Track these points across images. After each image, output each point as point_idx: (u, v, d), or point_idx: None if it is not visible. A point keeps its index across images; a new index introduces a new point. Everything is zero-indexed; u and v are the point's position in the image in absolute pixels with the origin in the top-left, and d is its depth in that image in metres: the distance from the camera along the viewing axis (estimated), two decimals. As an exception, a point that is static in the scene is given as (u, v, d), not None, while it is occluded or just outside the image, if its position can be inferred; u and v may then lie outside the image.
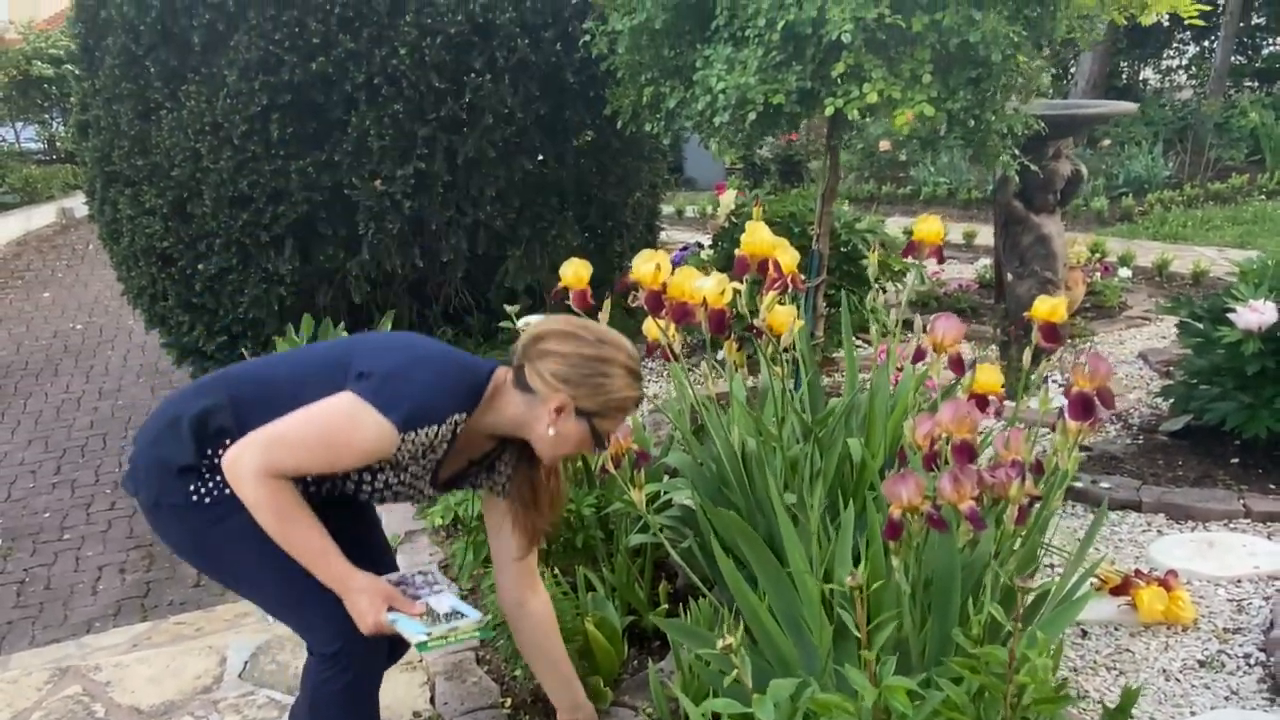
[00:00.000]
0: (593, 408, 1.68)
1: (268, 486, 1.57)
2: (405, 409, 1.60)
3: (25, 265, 8.37)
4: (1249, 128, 8.74)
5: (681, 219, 8.43)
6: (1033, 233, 3.60)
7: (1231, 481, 3.04)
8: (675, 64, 3.25)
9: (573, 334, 1.69)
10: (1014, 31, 2.80)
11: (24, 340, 6.49)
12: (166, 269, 3.92)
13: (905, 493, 1.67)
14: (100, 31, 3.91)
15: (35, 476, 4.51)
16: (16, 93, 10.54)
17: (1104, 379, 1.68)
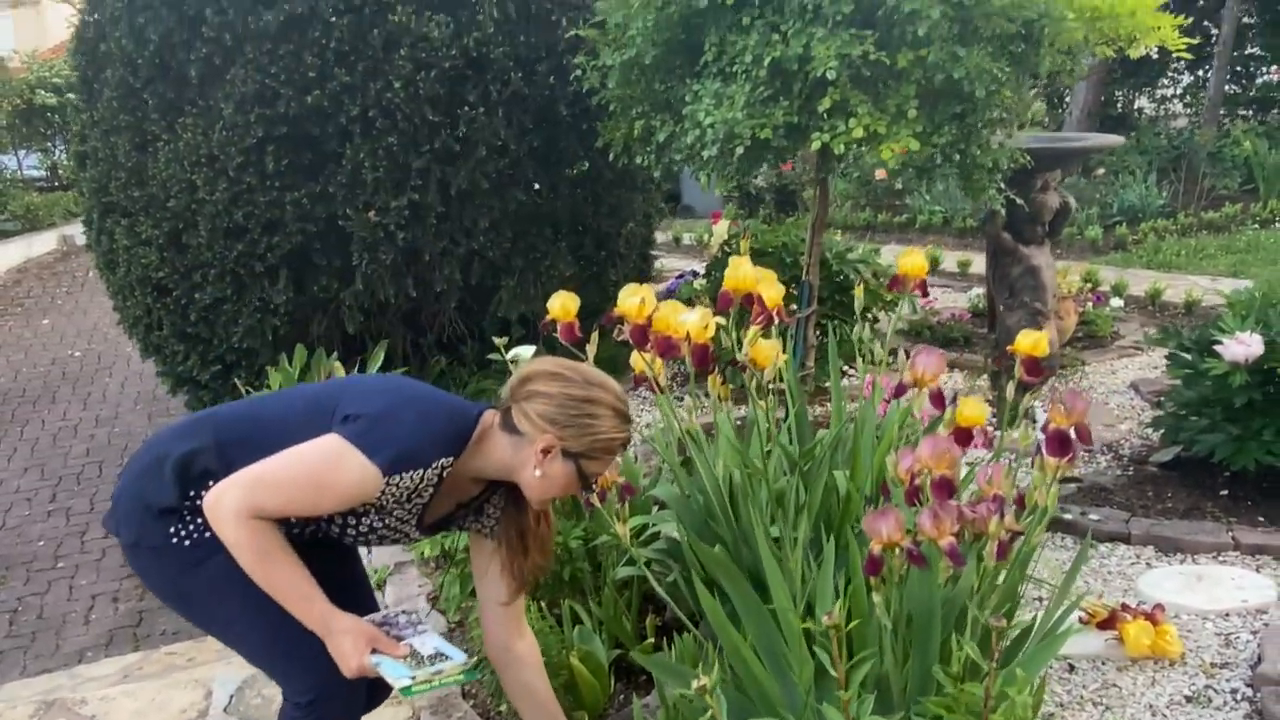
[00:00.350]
0: (579, 449, 1.68)
1: (249, 527, 1.56)
2: (390, 453, 1.59)
3: (25, 292, 8.40)
4: (1242, 157, 8.79)
5: (679, 246, 8.48)
6: (1022, 264, 3.62)
7: (1221, 514, 3.04)
8: (665, 98, 3.30)
9: (560, 375, 1.69)
10: (998, 68, 2.84)
11: (22, 368, 6.51)
12: (162, 299, 3.94)
13: (885, 529, 1.67)
14: (99, 64, 3.95)
15: (31, 504, 4.51)
16: (19, 121, 10.64)
17: (1081, 415, 1.69)
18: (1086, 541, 2.18)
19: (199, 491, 1.67)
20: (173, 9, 3.62)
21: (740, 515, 2.30)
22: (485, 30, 3.64)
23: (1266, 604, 2.54)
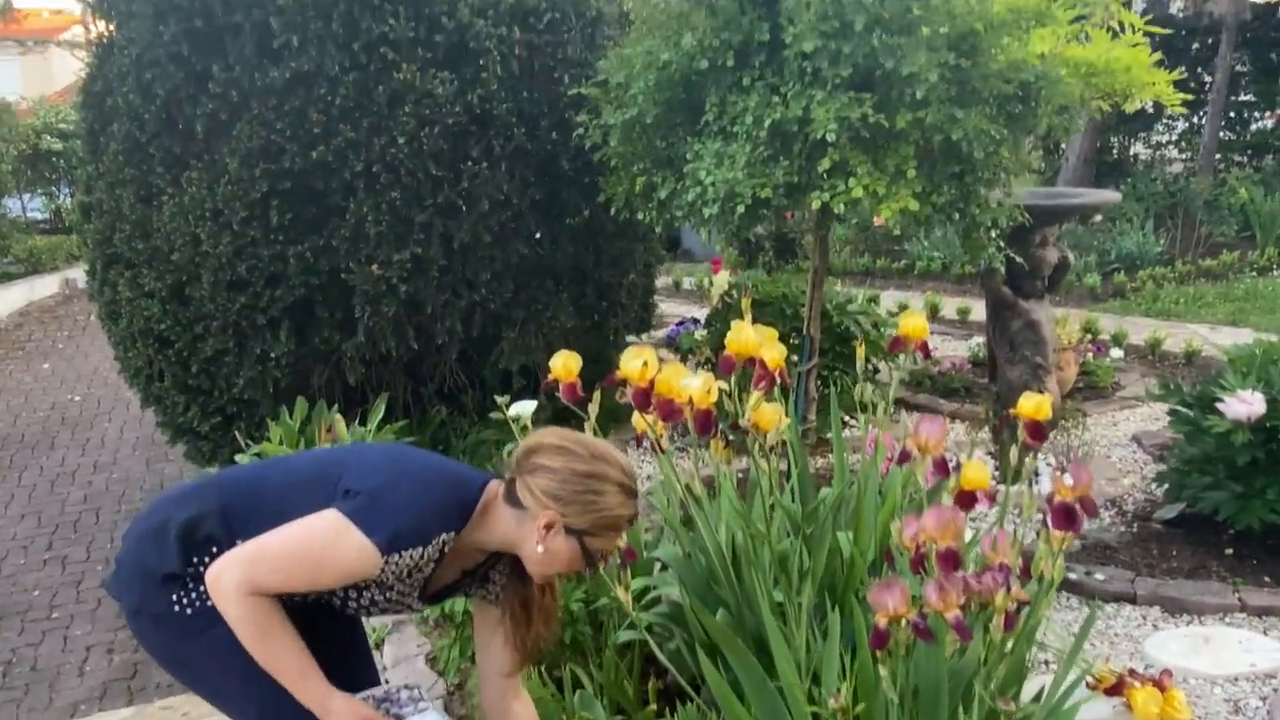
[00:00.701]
0: (583, 526, 1.66)
1: (248, 603, 1.56)
2: (389, 531, 1.58)
3: (27, 336, 8.41)
4: (1239, 204, 8.86)
5: (679, 291, 8.50)
6: (1022, 319, 3.62)
7: (1226, 573, 3.01)
8: (667, 155, 3.33)
9: (565, 449, 1.67)
10: (996, 129, 2.87)
11: (22, 412, 6.50)
12: (163, 350, 3.94)
13: (891, 602, 1.66)
14: (106, 118, 3.99)
15: (27, 552, 4.48)
16: (25, 165, 10.73)
17: (1086, 488, 1.68)
18: (1094, 607, 2.17)
19: (202, 558, 1.66)
20: (180, 65, 3.66)
21: (743, 578, 2.28)
22: (489, 87, 3.68)
23: (1275, 669, 2.52)
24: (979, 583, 1.75)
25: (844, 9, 2.77)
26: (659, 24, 3.26)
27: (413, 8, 3.65)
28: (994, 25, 2.92)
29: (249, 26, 3.60)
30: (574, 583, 2.54)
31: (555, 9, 3.88)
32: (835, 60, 2.78)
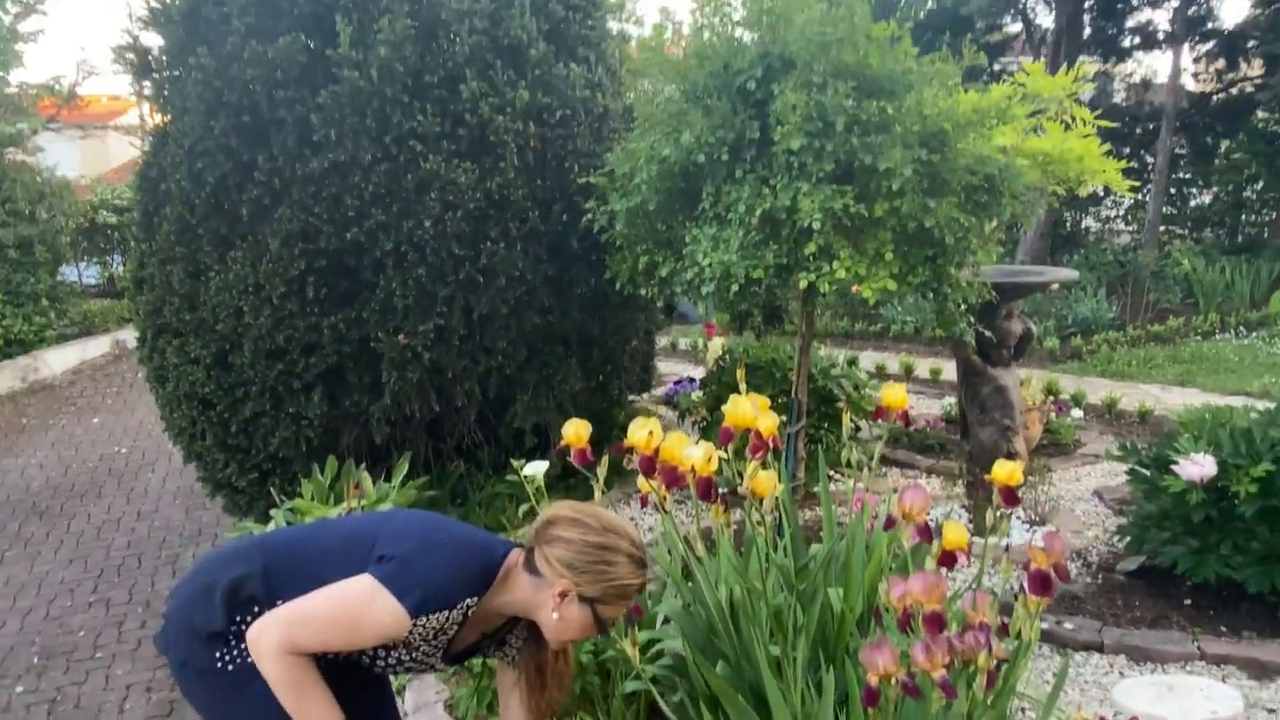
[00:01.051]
0: (595, 594, 1.65)
1: (286, 663, 1.54)
2: (418, 595, 1.57)
3: (79, 392, 8.40)
4: (1182, 274, 8.94)
5: (675, 351, 8.53)
6: (991, 384, 3.63)
7: (1186, 623, 2.97)
8: (667, 237, 3.36)
9: (580, 522, 1.67)
10: (965, 216, 2.90)
11: (72, 463, 6.46)
12: (206, 412, 3.93)
13: (882, 661, 1.64)
14: (159, 201, 4.03)
15: (73, 595, 4.42)
16: (82, 237, 10.81)
17: (1059, 556, 1.67)
18: (1065, 656, 2.13)
19: (245, 617, 1.65)
20: (229, 155, 3.71)
21: (741, 632, 2.25)
22: (507, 176, 3.72)
23: (1235, 716, 2.46)
24: (962, 642, 1.73)
25: (826, 111, 2.82)
26: (659, 121, 3.31)
27: (439, 105, 3.72)
28: (960, 124, 2.97)
29: (292, 121, 3.65)
30: (583, 634, 2.51)
31: (566, 106, 3.95)
32: (819, 156, 2.83)
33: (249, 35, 3.67)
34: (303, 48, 3.68)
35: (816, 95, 2.80)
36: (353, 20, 3.67)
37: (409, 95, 3.68)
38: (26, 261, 8.94)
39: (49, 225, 9.16)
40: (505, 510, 4.15)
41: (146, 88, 4.28)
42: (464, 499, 4.28)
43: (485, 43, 3.81)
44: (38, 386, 8.59)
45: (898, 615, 1.80)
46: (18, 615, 4.21)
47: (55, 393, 8.40)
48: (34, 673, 3.66)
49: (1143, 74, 13.71)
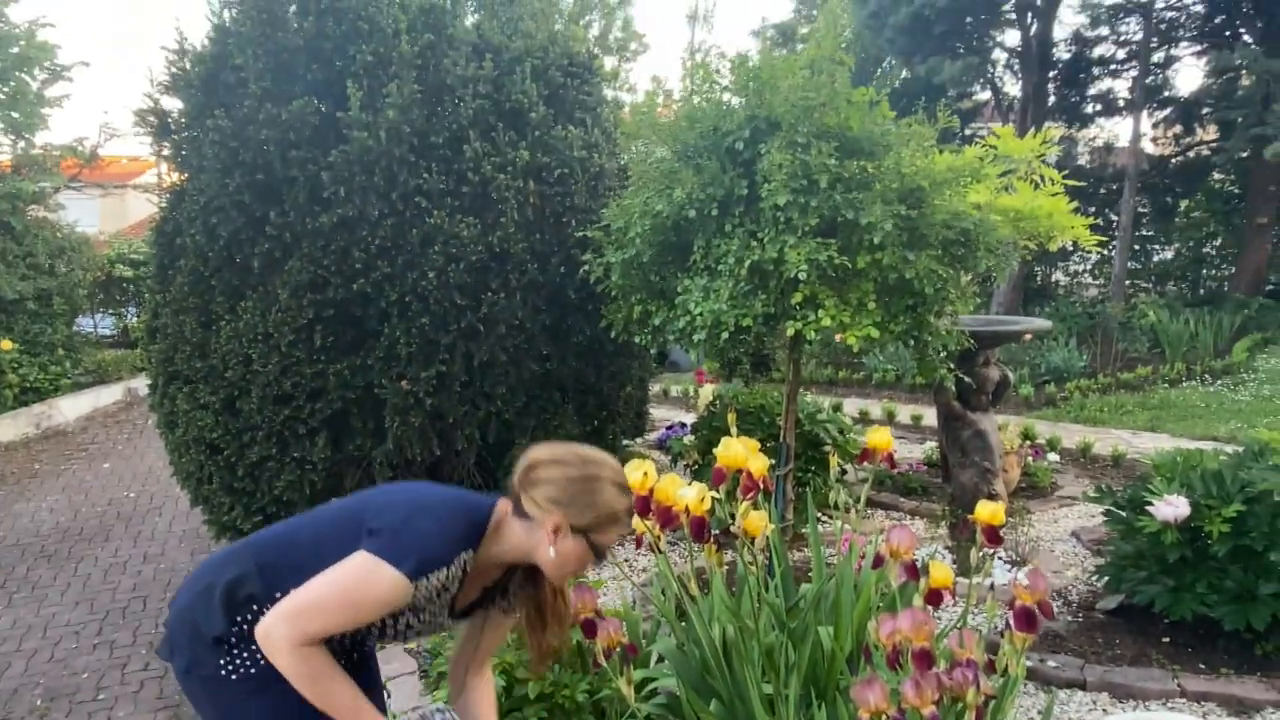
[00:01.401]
0: (587, 523, 1.64)
1: (300, 654, 1.51)
2: (414, 559, 1.54)
3: (90, 438, 8.31)
4: (1148, 325, 9.01)
5: (667, 398, 8.51)
6: (971, 428, 3.62)
7: (1165, 660, 2.93)
8: (660, 288, 3.37)
9: (559, 459, 1.66)
10: (943, 269, 2.92)
11: (82, 507, 6.36)
12: (214, 457, 3.89)
13: (873, 698, 1.60)
14: (175, 254, 4.04)
15: (79, 637, 4.30)
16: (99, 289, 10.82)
17: (1043, 593, 1.65)
18: (1050, 694, 2.09)
19: (245, 617, 1.61)
20: (242, 211, 3.73)
21: (734, 671, 2.20)
22: (507, 230, 3.75)
23: (1217, 752, 2.42)
24: (950, 679, 1.70)
25: (810, 169, 2.86)
26: (652, 179, 3.35)
27: (443, 164, 3.76)
28: (937, 182, 3.01)
29: (303, 179, 3.68)
30: (579, 675, 2.45)
31: (564, 166, 4.00)
32: (804, 211, 2.86)
33: (264, 99, 3.72)
34: (315, 110, 3.72)
35: (801, 155, 2.84)
36: (363, 85, 3.72)
37: (415, 155, 3.72)
38: (45, 313, 8.93)
39: (67, 279, 9.17)
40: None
41: (165, 148, 4.32)
42: (463, 541, 4.22)
43: (488, 106, 3.87)
44: (51, 433, 8.50)
45: (887, 653, 1.76)
46: (23, 657, 4.09)
47: (68, 439, 8.31)
48: (37, 714, 3.55)
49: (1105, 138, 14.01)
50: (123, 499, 6.51)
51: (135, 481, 6.93)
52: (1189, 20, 12.18)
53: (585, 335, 4.12)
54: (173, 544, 5.53)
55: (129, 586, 4.89)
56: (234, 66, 3.84)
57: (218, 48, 3.91)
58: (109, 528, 5.87)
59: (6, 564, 5.25)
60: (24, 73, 8.95)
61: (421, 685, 3.01)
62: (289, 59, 3.80)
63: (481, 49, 3.99)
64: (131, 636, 4.28)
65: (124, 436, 8.34)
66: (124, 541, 5.59)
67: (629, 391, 4.65)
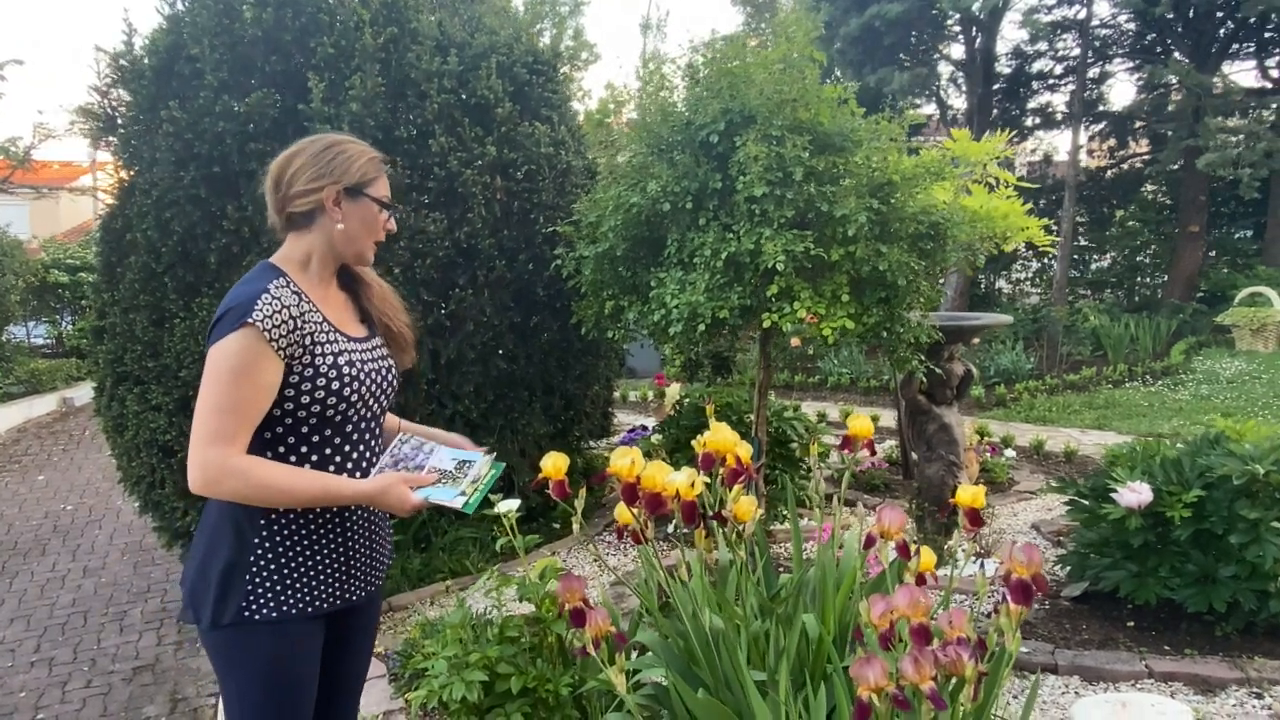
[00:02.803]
0: (354, 180, 1.63)
1: (235, 470, 1.46)
2: (235, 314, 1.50)
3: (24, 450, 7.94)
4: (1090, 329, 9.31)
5: (625, 403, 8.50)
6: (936, 422, 3.68)
7: (1131, 643, 3.00)
8: (632, 282, 3.36)
9: (292, 152, 1.65)
10: (914, 261, 2.97)
11: (15, 521, 6.06)
12: (167, 460, 3.73)
13: (872, 675, 1.59)
14: (123, 251, 3.88)
15: (14, 655, 4.09)
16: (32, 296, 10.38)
17: (1038, 566, 1.67)
18: (1036, 677, 2.12)
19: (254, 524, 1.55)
20: (198, 205, 3.60)
21: (722, 659, 2.18)
22: (475, 226, 3.70)
23: (1187, 729, 2.48)
24: (944, 655, 1.70)
25: (785, 162, 2.88)
26: (624, 174, 3.34)
27: (409, 158, 3.69)
28: (906, 177, 3.06)
29: (262, 172, 3.54)
30: (562, 669, 2.40)
31: (531, 162, 3.97)
32: (780, 204, 2.87)
33: (221, 90, 3.61)
34: (274, 103, 3.63)
35: (776, 148, 2.86)
36: (325, 77, 3.64)
37: (380, 148, 3.61)
38: (-27, 319, 8.53)
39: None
40: (469, 554, 4.01)
41: (112, 143, 4.16)
42: (427, 544, 4.13)
43: (454, 101, 3.82)
44: (-20, 445, 8.11)
45: (880, 633, 1.76)
46: (-45, 677, 3.87)
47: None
48: (-28, 736, 3.36)
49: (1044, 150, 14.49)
50: (60, 512, 6.22)
51: (73, 494, 6.64)
52: (1122, 37, 12.69)
53: (553, 333, 4.07)
54: (114, 557, 5.30)
55: (68, 601, 4.67)
56: (189, 57, 3.72)
57: (172, 38, 3.79)
58: (45, 541, 5.61)
59: (-65, 580, 4.97)
60: (-49, 69, 8.57)
61: (392, 689, 2.92)
62: (246, 50, 3.69)
63: (445, 45, 3.94)
64: (72, 653, 4.09)
65: (59, 448, 7.99)
66: (62, 555, 5.34)
67: (595, 391, 4.63)
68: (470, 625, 2.47)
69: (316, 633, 1.63)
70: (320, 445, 1.60)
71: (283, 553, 1.56)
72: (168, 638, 4.07)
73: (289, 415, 1.56)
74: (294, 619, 1.56)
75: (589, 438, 4.84)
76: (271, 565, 1.55)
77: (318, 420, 1.59)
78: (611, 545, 4.32)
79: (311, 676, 1.63)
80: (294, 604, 1.56)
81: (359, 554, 1.69)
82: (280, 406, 1.55)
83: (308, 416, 1.57)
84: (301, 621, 1.58)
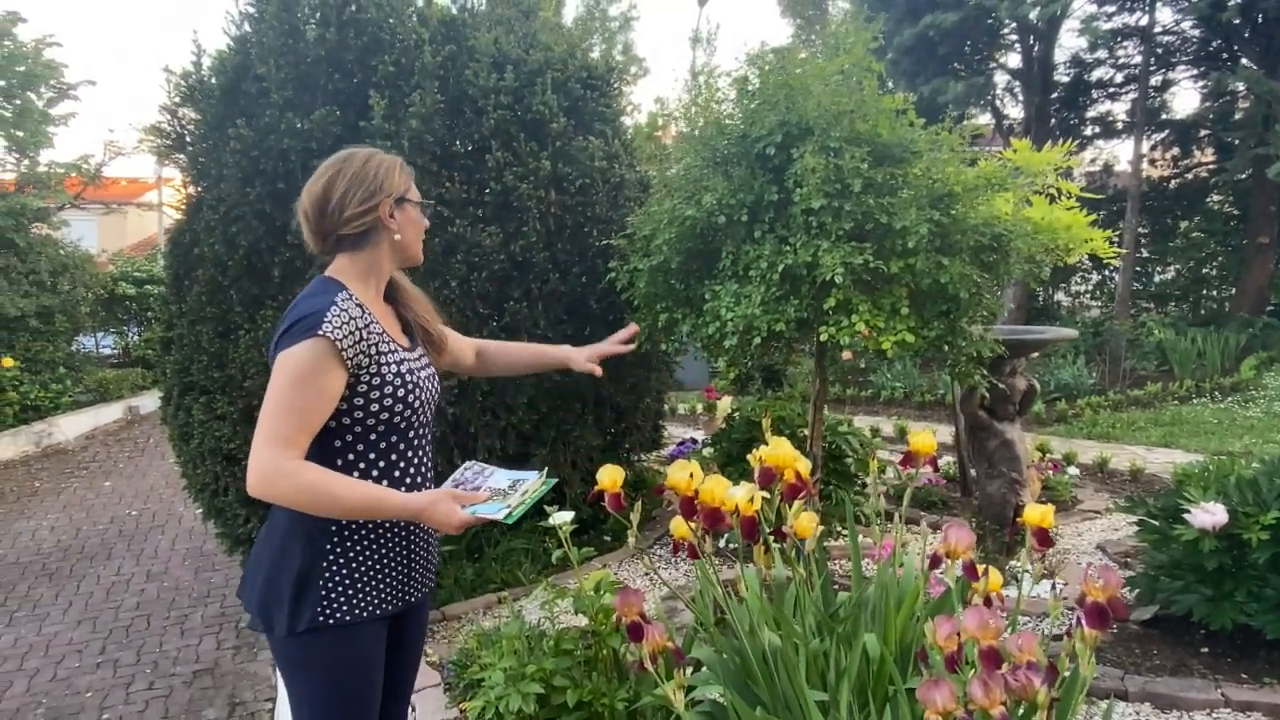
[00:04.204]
0: (401, 190, 1.70)
1: (288, 473, 1.49)
2: (309, 322, 1.55)
3: (91, 456, 8.23)
4: (1155, 343, 9.03)
5: (674, 416, 8.48)
6: (998, 438, 3.60)
7: (1206, 670, 2.88)
8: (685, 295, 3.36)
9: (329, 178, 1.68)
10: (976, 274, 2.91)
11: (83, 525, 6.28)
12: (230, 468, 3.83)
13: (940, 698, 1.56)
14: (191, 264, 4.01)
15: (81, 656, 4.22)
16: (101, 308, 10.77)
17: (1115, 589, 1.61)
18: (1110, 703, 2.05)
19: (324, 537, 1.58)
20: (262, 220, 3.71)
21: (780, 678, 2.15)
22: (529, 239, 3.74)
23: (1269, 762, 2.37)
24: (1015, 679, 1.66)
25: (843, 174, 2.85)
26: (678, 187, 3.35)
27: (466, 173, 3.75)
28: (968, 189, 3.01)
29: (323, 189, 3.66)
30: (617, 684, 2.40)
31: (585, 176, 4.00)
32: (838, 216, 2.85)
33: (286, 108, 3.72)
34: (337, 120, 3.72)
35: (834, 159, 2.84)
36: (386, 95, 3.72)
37: (438, 164, 3.71)
38: (46, 330, 8.88)
39: (70, 296, 9.13)
40: (521, 565, 4.03)
41: (181, 160, 4.31)
42: (480, 554, 4.16)
43: (509, 117, 3.87)
44: (51, 451, 8.42)
45: (946, 655, 1.72)
46: (25, 676, 4.01)
47: (68, 457, 8.23)
48: (41, 734, 3.48)
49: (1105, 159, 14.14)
50: (125, 517, 6.43)
51: (137, 499, 6.85)
52: (1186, 44, 12.35)
53: (605, 345, 4.08)
54: (176, 562, 5.45)
55: (132, 605, 4.81)
56: (255, 76, 3.84)
57: (239, 58, 3.92)
58: (111, 546, 5.79)
59: (7, 582, 5.16)
60: (30, 91, 8.97)
61: (446, 698, 2.95)
62: (310, 69, 3.80)
63: (501, 61, 4.00)
64: (135, 656, 4.21)
65: (125, 454, 8.26)
66: (126, 559, 5.51)
67: (647, 404, 4.62)
68: (526, 637, 2.48)
69: (382, 634, 1.66)
70: (387, 452, 1.64)
71: (353, 557, 1.59)
72: (226, 642, 4.16)
73: (358, 424, 1.60)
74: (365, 621, 1.59)
75: (640, 450, 4.84)
76: (343, 570, 1.58)
77: (385, 428, 1.63)
78: (663, 559, 4.30)
79: (377, 677, 1.66)
80: (365, 606, 1.59)
81: (419, 555, 1.73)
82: (350, 415, 1.59)
83: (376, 424, 1.61)
84: (371, 623, 1.61)
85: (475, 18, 4.22)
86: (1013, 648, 1.75)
